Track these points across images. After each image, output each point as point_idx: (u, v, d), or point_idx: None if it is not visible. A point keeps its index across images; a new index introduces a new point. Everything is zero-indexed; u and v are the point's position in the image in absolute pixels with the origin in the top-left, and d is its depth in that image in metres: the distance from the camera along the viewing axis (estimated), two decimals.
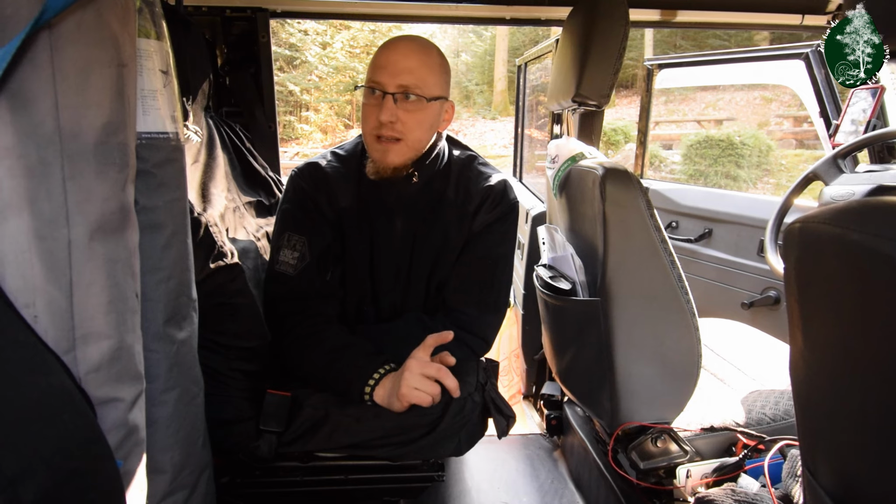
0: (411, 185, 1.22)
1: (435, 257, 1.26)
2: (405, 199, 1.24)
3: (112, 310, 0.62)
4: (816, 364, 0.57)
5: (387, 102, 1.12)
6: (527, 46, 11.60)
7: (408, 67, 1.12)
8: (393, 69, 1.12)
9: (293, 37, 12.78)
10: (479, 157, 1.34)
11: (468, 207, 1.26)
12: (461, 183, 1.27)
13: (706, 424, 1.21)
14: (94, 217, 0.59)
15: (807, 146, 8.76)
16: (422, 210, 1.25)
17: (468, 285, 1.25)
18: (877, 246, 0.45)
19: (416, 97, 1.13)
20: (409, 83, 1.12)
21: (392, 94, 1.12)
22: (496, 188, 1.26)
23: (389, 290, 1.27)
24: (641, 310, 1.14)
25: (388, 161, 1.16)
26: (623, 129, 10.59)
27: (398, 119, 1.13)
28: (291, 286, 1.19)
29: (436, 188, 1.26)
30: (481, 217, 1.25)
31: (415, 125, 1.15)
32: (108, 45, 0.60)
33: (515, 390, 2.37)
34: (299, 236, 1.20)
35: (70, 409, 0.56)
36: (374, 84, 1.13)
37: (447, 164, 1.28)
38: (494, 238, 1.26)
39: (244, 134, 1.57)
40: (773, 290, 1.89)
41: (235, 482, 1.15)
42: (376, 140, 1.15)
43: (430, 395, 1.02)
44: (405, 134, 1.14)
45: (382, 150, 1.15)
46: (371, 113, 1.14)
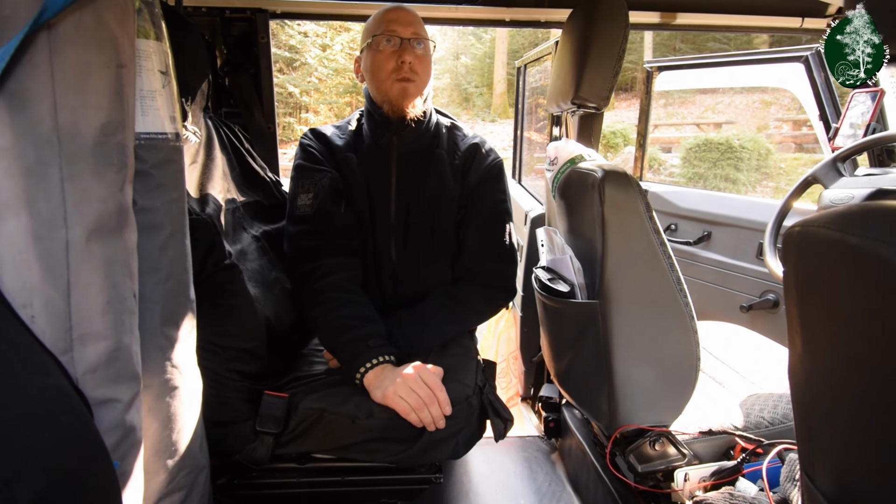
0: (407, 134, 1.36)
1: (433, 205, 1.38)
2: (399, 148, 1.38)
3: (110, 310, 0.62)
4: (815, 368, 0.57)
5: (405, 46, 1.29)
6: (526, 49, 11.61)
7: (413, 20, 1.33)
8: (404, 20, 1.31)
9: (293, 39, 12.78)
10: (457, 123, 1.51)
11: (457, 162, 1.41)
12: (450, 139, 1.45)
13: (704, 428, 1.20)
14: (91, 218, 0.59)
15: (806, 149, 8.76)
16: (416, 161, 1.39)
17: (486, 245, 1.39)
18: (877, 250, 0.45)
19: (424, 43, 1.33)
20: (419, 31, 1.32)
21: (408, 39, 1.30)
22: (481, 147, 1.44)
23: (388, 238, 1.38)
24: (640, 312, 1.14)
25: (408, 98, 1.32)
26: (622, 132, 10.59)
27: (414, 60, 1.30)
28: (312, 223, 1.31)
29: (426, 143, 1.41)
30: (473, 174, 1.41)
31: (424, 68, 1.33)
32: (107, 46, 0.60)
33: (513, 392, 2.37)
34: (310, 181, 1.34)
35: (67, 410, 0.56)
36: (391, 33, 1.30)
37: (436, 124, 1.44)
38: (495, 197, 1.41)
39: (243, 135, 1.57)
40: (772, 293, 1.89)
41: (232, 483, 1.14)
42: (396, 82, 1.30)
43: (412, 409, 1.08)
44: (419, 75, 1.32)
45: (402, 87, 1.30)
46: (389, 59, 1.30)
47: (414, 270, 1.38)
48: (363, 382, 1.14)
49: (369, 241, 1.38)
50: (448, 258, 1.41)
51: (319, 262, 1.28)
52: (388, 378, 1.11)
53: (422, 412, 1.08)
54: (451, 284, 1.40)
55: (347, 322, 1.20)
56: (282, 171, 1.78)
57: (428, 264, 1.39)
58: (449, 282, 1.41)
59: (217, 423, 1.04)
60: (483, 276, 1.38)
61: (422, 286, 1.38)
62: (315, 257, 1.29)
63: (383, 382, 1.11)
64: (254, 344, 1.14)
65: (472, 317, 1.39)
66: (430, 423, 1.09)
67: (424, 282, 1.38)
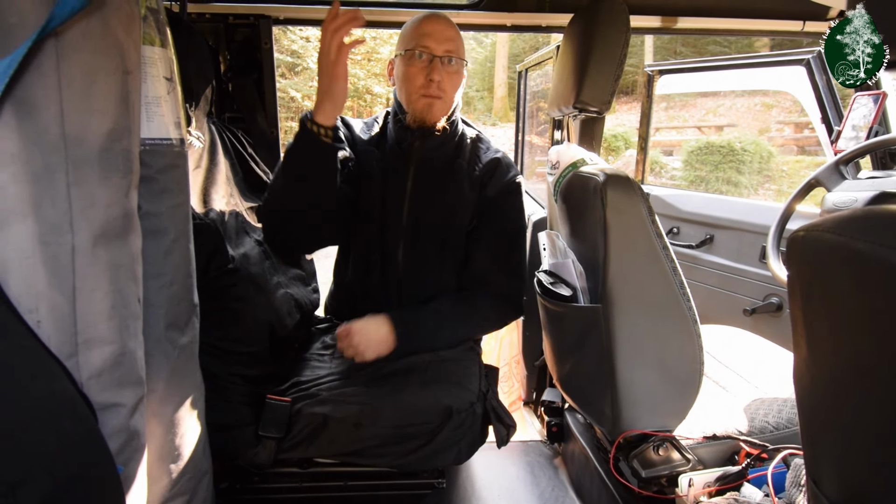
0: (430, 140, 1.36)
1: (447, 213, 1.38)
2: (421, 153, 1.38)
3: (114, 315, 0.62)
4: (820, 373, 0.57)
5: (435, 64, 1.29)
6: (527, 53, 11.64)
7: (450, 36, 1.31)
8: (439, 37, 1.29)
9: (295, 43, 12.81)
10: (482, 134, 1.51)
11: (476, 174, 1.41)
12: (472, 151, 1.44)
13: (709, 433, 1.20)
14: (97, 223, 0.59)
15: (808, 152, 8.75)
16: (435, 167, 1.39)
17: (498, 258, 1.39)
18: (881, 255, 0.45)
19: (457, 61, 1.32)
20: (452, 49, 1.30)
21: (440, 57, 1.29)
22: (503, 161, 1.44)
23: (397, 239, 1.38)
24: (643, 316, 1.14)
25: (433, 115, 1.33)
26: (623, 135, 10.59)
27: (443, 79, 1.30)
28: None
29: (449, 151, 1.41)
30: (491, 187, 1.40)
31: (453, 85, 1.34)
32: (114, 53, 0.60)
33: (516, 396, 2.36)
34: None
35: (71, 415, 0.56)
36: (423, 48, 1.29)
37: (461, 135, 1.45)
38: (511, 213, 1.42)
39: (246, 139, 1.58)
40: (776, 296, 1.89)
41: (234, 488, 1.14)
42: (422, 97, 1.31)
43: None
44: (446, 92, 1.32)
45: (428, 103, 1.31)
46: (419, 74, 1.30)
47: (419, 275, 1.38)
48: (315, 120, 1.14)
49: (377, 241, 1.38)
50: (455, 267, 1.41)
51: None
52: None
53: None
54: (459, 291, 1.40)
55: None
56: None
57: (434, 270, 1.39)
58: (454, 290, 1.41)
59: (219, 427, 1.04)
60: (492, 288, 1.38)
61: (426, 291, 1.38)
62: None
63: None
64: (256, 348, 1.14)
65: (484, 322, 1.39)
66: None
67: (429, 287, 1.38)
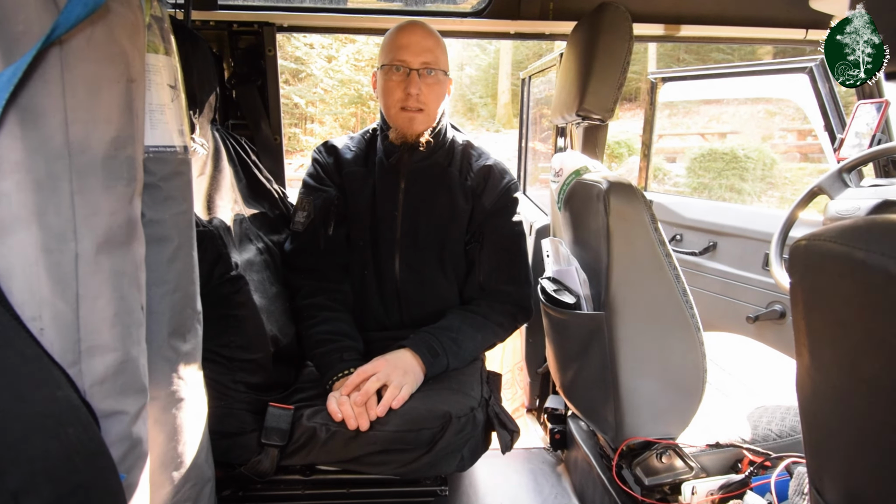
0: (418, 152, 1.36)
1: (441, 224, 1.38)
2: (410, 165, 1.37)
3: (117, 322, 0.62)
4: (823, 382, 0.57)
5: (412, 77, 1.28)
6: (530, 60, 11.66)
7: (427, 47, 1.29)
8: (415, 48, 1.28)
9: (299, 50, 12.89)
10: (473, 142, 1.49)
11: (469, 183, 1.40)
12: (463, 159, 1.43)
13: (712, 440, 1.19)
14: (101, 230, 0.60)
15: (811, 159, 8.73)
16: (426, 178, 1.38)
17: (503, 267, 1.39)
18: (883, 265, 0.45)
19: (436, 72, 1.30)
20: (430, 60, 1.29)
21: (417, 70, 1.28)
22: (495, 168, 1.42)
23: (392, 253, 1.37)
24: (646, 323, 1.14)
25: (414, 129, 1.32)
26: (627, 142, 10.59)
27: (422, 91, 1.28)
28: (301, 240, 1.36)
29: (439, 161, 1.40)
30: (488, 196, 1.39)
31: (434, 97, 1.32)
32: (118, 61, 0.60)
33: (519, 403, 2.36)
34: (308, 199, 1.37)
35: (74, 422, 0.56)
36: (400, 62, 1.28)
37: (451, 143, 1.43)
38: (511, 220, 1.41)
39: (250, 146, 1.58)
40: (779, 303, 1.88)
41: (237, 495, 1.14)
42: (401, 111, 1.30)
43: (338, 416, 1.08)
44: (427, 104, 1.31)
45: (408, 118, 1.31)
46: (396, 87, 1.29)
47: (418, 288, 1.38)
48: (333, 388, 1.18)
49: (371, 257, 1.38)
50: (455, 278, 1.41)
51: (306, 280, 1.35)
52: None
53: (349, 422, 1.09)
54: (466, 304, 1.39)
55: (324, 337, 1.25)
56: (288, 182, 1.79)
57: (433, 283, 1.38)
58: (457, 303, 1.40)
59: (222, 434, 1.04)
60: (499, 296, 1.38)
61: (427, 305, 1.38)
62: (303, 274, 1.36)
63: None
64: (259, 355, 1.14)
65: (499, 329, 1.37)
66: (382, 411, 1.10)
67: (430, 301, 1.38)
